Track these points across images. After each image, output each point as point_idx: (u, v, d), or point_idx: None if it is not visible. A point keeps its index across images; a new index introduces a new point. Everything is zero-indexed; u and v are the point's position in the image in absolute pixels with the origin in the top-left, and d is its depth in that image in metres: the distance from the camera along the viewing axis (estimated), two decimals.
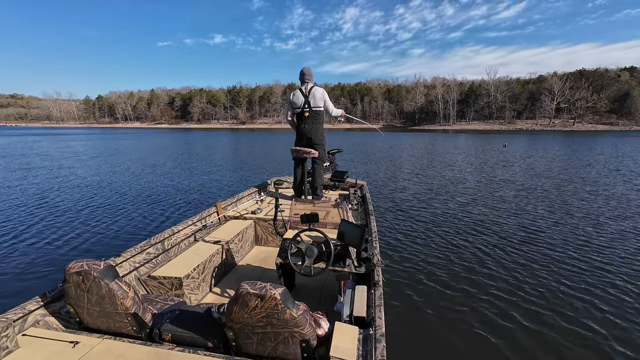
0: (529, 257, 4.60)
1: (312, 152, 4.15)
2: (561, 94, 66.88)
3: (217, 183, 10.54)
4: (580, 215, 6.62)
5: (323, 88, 4.08)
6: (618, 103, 62.44)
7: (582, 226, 5.95)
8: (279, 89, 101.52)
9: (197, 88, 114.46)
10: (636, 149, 21.59)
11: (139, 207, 7.54)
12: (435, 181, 10.55)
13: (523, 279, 3.96)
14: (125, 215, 6.89)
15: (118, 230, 5.96)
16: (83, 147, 26.26)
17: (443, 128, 72.19)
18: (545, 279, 3.96)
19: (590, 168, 13.19)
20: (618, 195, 8.31)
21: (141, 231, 5.87)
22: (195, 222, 3.33)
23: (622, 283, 3.87)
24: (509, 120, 71.35)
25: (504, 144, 27.07)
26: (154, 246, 2.72)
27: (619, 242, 5.16)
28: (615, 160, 15.42)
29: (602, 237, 5.39)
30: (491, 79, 79.17)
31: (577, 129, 58.68)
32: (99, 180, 11.18)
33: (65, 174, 12.55)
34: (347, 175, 5.07)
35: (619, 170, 12.40)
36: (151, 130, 71.18)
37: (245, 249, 3.50)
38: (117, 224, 6.33)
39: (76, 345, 1.51)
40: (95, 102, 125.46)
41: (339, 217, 2.70)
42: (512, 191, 8.98)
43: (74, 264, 1.63)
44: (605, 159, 15.94)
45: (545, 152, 20.40)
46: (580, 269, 4.24)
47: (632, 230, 5.66)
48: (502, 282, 3.89)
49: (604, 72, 69.87)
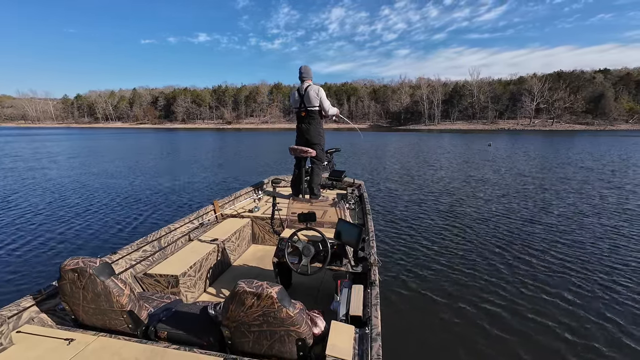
0: (525, 255, 4.66)
1: (309, 151, 4.15)
2: (540, 95, 69.23)
3: (209, 182, 10.39)
4: (575, 211, 6.82)
5: (319, 86, 4.04)
6: (593, 104, 65.15)
7: (579, 221, 6.13)
8: (265, 89, 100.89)
9: (181, 87, 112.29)
10: (614, 147, 22.57)
11: (135, 205, 7.48)
12: (429, 181, 10.68)
13: (520, 278, 3.98)
14: (121, 213, 6.83)
15: (114, 227, 5.92)
16: (70, 147, 25.43)
17: (428, 128, 73.44)
18: (545, 278, 3.99)
19: (579, 168, 13.65)
20: (619, 192, 8.62)
21: (137, 229, 5.82)
22: (192, 220, 3.31)
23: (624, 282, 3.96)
24: (492, 120, 73.29)
25: (488, 143, 27.77)
26: (150, 244, 2.71)
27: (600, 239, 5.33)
28: (602, 160, 15.99)
29: (603, 237, 5.54)
30: (474, 79, 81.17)
31: (556, 129, 60.89)
32: (93, 179, 11.05)
33: (60, 174, 12.32)
34: (345, 175, 5.08)
35: (614, 171, 12.86)
36: (134, 130, 69.57)
37: (242, 248, 3.47)
38: (113, 221, 6.29)
39: (71, 343, 1.50)
40: (74, 101, 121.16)
41: (337, 216, 2.69)
42: (504, 189, 9.19)
43: (70, 261, 1.62)
44: (584, 158, 16.55)
45: (528, 150, 21.11)
46: (581, 266, 4.32)
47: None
48: (499, 282, 3.91)
49: (580, 74, 72.80)
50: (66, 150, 22.97)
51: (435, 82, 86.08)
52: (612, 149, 20.99)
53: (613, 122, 62.19)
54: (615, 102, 64.25)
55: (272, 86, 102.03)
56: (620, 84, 68.56)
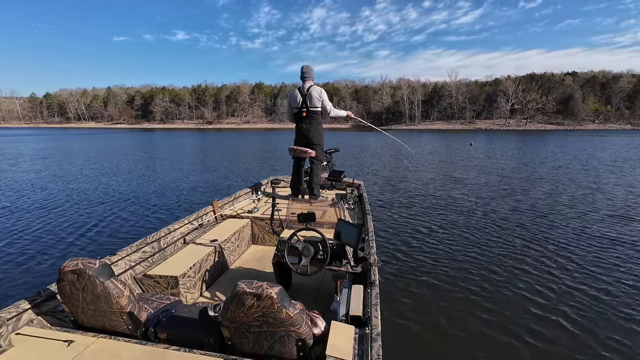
0: (523, 253, 4.73)
1: (309, 151, 4.14)
2: (515, 96, 72.12)
3: (205, 183, 10.16)
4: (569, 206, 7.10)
5: (321, 87, 4.03)
6: (563, 105, 68.64)
7: (577, 218, 6.37)
8: (247, 88, 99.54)
9: (159, 86, 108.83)
10: (592, 145, 23.81)
11: (134, 207, 7.40)
12: (422, 180, 10.84)
13: (521, 277, 4.02)
14: (121, 214, 6.75)
15: (113, 229, 5.85)
16: (49, 147, 24.14)
17: (409, 128, 74.91)
18: (544, 277, 4.03)
19: (551, 167, 14.29)
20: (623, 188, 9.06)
21: (137, 230, 5.75)
22: (191, 220, 3.29)
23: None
24: (469, 120, 75.64)
25: (470, 142, 28.58)
26: (150, 245, 2.69)
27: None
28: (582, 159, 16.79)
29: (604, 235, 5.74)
30: (453, 81, 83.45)
31: (529, 128, 63.63)
32: (86, 181, 10.84)
33: (55, 174, 12.12)
34: (345, 175, 5.08)
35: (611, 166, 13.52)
36: (108, 131, 66.96)
37: (241, 248, 3.45)
38: (112, 222, 6.22)
39: (71, 344, 1.49)
40: (42, 100, 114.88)
41: (336, 216, 2.69)
42: (497, 188, 9.44)
43: (69, 262, 1.61)
44: (558, 157, 17.36)
45: (507, 149, 22.05)
46: (580, 262, 4.43)
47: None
48: (499, 281, 3.95)
49: (550, 76, 76.46)
50: (46, 150, 21.88)
51: (415, 83, 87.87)
52: (593, 148, 22.18)
53: (581, 122, 65.76)
54: (583, 103, 68.00)
55: (253, 86, 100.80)
56: (587, 86, 72.52)
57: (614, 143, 26.90)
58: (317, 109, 4.05)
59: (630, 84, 69.81)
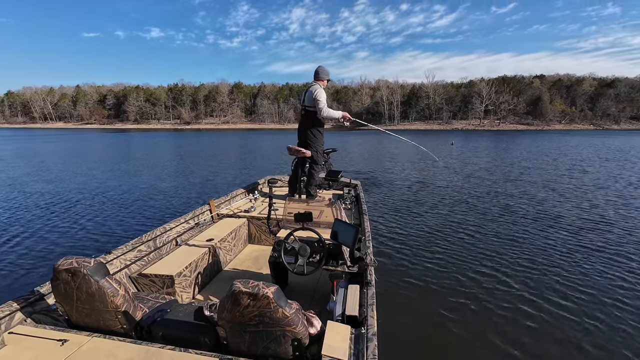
0: (521, 252, 4.79)
1: (302, 151, 4.10)
2: (488, 97, 75.00)
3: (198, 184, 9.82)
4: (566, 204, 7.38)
5: (320, 86, 3.94)
6: (532, 106, 72.12)
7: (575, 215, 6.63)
8: (226, 88, 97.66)
9: (133, 85, 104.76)
10: (563, 145, 25.07)
11: (130, 205, 7.31)
12: (415, 180, 10.94)
13: (518, 277, 4.06)
14: (116, 213, 6.66)
15: (109, 227, 5.75)
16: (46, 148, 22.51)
17: (389, 128, 76.21)
18: (543, 277, 4.09)
19: (523, 167, 14.92)
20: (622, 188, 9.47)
21: (132, 229, 5.65)
22: (187, 219, 3.25)
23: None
24: (446, 121, 77.86)
25: (451, 142, 29.21)
26: (145, 244, 2.69)
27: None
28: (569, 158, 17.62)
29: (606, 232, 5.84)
30: (430, 82, 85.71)
31: (502, 129, 66.41)
32: (82, 179, 10.72)
33: (52, 174, 11.83)
34: (342, 175, 5.07)
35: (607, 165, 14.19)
36: (78, 131, 63.67)
37: (238, 248, 3.42)
38: (108, 221, 6.11)
39: (65, 344, 1.48)
40: (4, 98, 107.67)
41: (333, 216, 2.71)
42: (490, 186, 9.72)
43: (64, 260, 1.60)
44: (530, 156, 18.15)
45: (486, 148, 22.90)
46: (580, 258, 4.55)
47: None
48: (495, 281, 3.99)
49: (521, 78, 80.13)
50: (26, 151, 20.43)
51: (394, 84, 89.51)
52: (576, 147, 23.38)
53: (549, 122, 69.35)
54: (550, 104, 71.75)
55: (232, 85, 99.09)
56: (554, 88, 76.61)
57: (590, 144, 27.84)
58: (311, 109, 4.00)
59: (592, 87, 74.39)
